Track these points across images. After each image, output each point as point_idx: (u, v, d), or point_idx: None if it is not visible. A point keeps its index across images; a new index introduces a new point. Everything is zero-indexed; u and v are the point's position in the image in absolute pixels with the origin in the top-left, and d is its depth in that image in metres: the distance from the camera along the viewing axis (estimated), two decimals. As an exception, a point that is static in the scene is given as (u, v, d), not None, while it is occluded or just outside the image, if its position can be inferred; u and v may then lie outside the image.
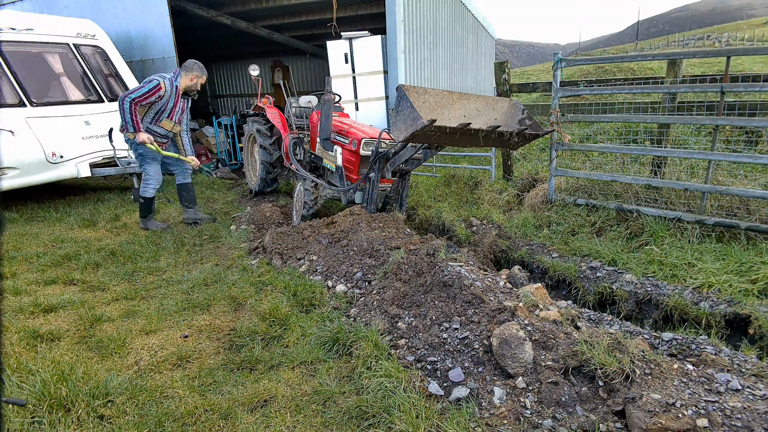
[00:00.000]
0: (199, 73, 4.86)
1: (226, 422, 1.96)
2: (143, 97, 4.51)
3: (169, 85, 4.67)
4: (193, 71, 4.81)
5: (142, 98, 4.51)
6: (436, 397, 2.06)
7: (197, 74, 4.84)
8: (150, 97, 4.56)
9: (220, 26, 10.48)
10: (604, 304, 3.55)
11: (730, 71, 3.99)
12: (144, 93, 4.51)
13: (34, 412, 1.94)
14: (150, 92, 4.54)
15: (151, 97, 4.56)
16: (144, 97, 4.52)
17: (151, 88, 4.54)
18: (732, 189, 3.91)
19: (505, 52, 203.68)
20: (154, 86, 4.55)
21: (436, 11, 9.32)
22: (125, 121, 4.54)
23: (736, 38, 44.06)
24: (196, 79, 4.84)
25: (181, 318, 2.96)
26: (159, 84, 4.57)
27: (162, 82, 4.59)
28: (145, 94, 4.52)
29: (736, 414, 1.68)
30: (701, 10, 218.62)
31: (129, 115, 4.48)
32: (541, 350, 2.12)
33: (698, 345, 2.48)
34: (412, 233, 3.95)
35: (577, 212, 4.74)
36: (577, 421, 1.83)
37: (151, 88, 4.54)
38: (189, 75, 4.79)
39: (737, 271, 3.35)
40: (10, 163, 5.37)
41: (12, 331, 2.69)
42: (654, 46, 53.33)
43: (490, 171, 6.42)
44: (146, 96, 4.53)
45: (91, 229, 5.11)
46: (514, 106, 3.82)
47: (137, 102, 4.50)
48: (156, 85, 4.55)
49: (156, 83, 4.55)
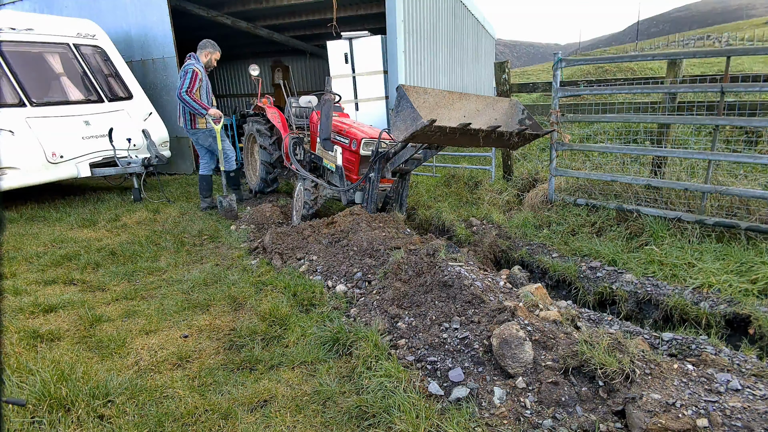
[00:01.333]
0: (212, 49, 5.65)
1: (226, 422, 1.96)
2: (191, 85, 5.29)
3: (201, 67, 5.44)
4: (206, 48, 5.58)
5: (192, 87, 5.30)
6: (436, 397, 2.06)
7: (210, 50, 5.60)
8: (195, 84, 5.33)
9: (220, 26, 10.48)
10: (604, 304, 3.55)
11: (730, 71, 3.99)
12: (190, 82, 5.28)
13: (34, 412, 1.94)
14: (193, 79, 5.30)
15: (195, 84, 5.33)
16: (192, 85, 5.30)
17: (191, 75, 5.28)
18: (732, 189, 3.91)
19: (505, 52, 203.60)
20: (192, 73, 5.29)
21: (436, 11, 9.32)
22: (195, 110, 5.33)
23: (736, 38, 44.04)
24: (210, 55, 5.61)
25: (181, 318, 2.96)
26: (194, 70, 5.30)
27: (195, 67, 5.33)
28: (191, 82, 5.29)
29: (736, 414, 1.68)
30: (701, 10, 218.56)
31: (195, 103, 5.30)
32: (541, 350, 2.12)
33: (698, 345, 2.48)
34: (412, 233, 3.95)
35: (577, 212, 4.74)
36: (577, 421, 1.83)
37: (191, 76, 5.28)
38: (203, 52, 5.57)
39: (737, 271, 3.35)
40: (10, 163, 5.37)
41: (12, 331, 2.69)
42: (654, 46, 53.31)
43: (490, 171, 6.42)
44: (192, 84, 5.30)
45: (91, 229, 5.11)
46: (514, 106, 3.82)
47: (190, 91, 5.28)
48: (193, 71, 5.29)
49: (192, 69, 5.30)
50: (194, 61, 5.44)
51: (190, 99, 5.26)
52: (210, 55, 5.59)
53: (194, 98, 5.29)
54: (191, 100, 5.26)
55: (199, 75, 5.36)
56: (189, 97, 5.25)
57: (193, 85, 5.27)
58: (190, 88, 5.25)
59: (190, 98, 5.25)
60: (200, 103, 5.32)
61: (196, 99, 5.31)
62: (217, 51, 5.67)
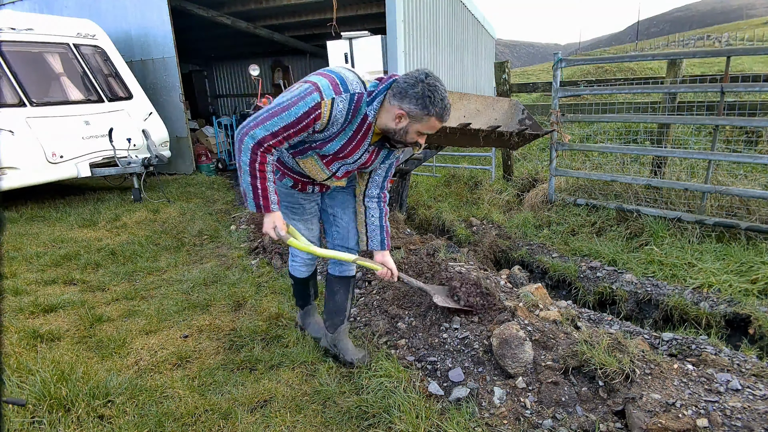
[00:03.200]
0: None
1: (226, 422, 1.96)
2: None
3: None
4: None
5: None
6: (436, 397, 2.06)
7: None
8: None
9: (220, 26, 10.47)
10: (604, 304, 3.55)
11: (730, 71, 3.99)
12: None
13: (34, 412, 1.94)
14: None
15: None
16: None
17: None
18: (732, 189, 3.91)
19: (505, 52, 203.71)
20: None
21: (436, 11, 9.32)
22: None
23: (736, 38, 44.03)
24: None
25: (181, 318, 2.96)
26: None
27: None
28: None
29: (736, 414, 1.68)
30: (701, 10, 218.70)
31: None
32: (541, 350, 2.12)
33: (698, 345, 2.48)
34: (412, 233, 3.95)
35: (577, 212, 4.74)
36: (577, 421, 1.83)
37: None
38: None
39: (737, 271, 3.35)
40: (10, 163, 5.37)
41: (12, 331, 2.69)
42: (654, 46, 53.29)
43: (490, 171, 6.42)
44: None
45: (91, 229, 5.10)
46: (514, 106, 3.82)
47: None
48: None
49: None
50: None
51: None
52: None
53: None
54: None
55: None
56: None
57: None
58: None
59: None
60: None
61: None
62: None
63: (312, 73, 1.88)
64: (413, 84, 1.73)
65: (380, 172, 2.16)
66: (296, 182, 2.14)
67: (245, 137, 1.78)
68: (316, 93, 1.74)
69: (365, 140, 1.91)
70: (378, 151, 2.01)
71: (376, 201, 2.21)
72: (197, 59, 15.55)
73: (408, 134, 1.83)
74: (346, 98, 1.77)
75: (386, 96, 1.80)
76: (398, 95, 1.75)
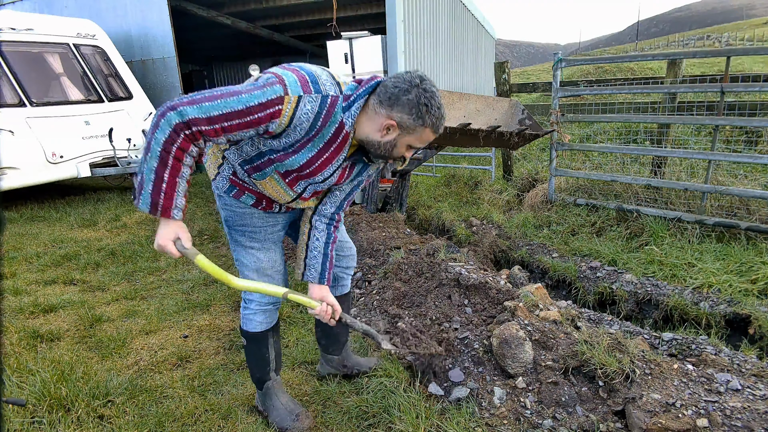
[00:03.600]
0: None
1: (226, 422, 1.96)
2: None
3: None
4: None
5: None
6: (436, 397, 2.06)
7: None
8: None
9: (220, 26, 10.48)
10: (604, 304, 3.55)
11: (730, 71, 3.99)
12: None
13: (34, 412, 1.94)
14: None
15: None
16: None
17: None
18: (732, 189, 3.91)
19: (505, 52, 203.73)
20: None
21: (436, 11, 9.32)
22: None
23: (736, 38, 44.05)
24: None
25: (181, 318, 2.96)
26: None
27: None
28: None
29: (736, 414, 1.68)
30: (701, 10, 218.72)
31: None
32: (541, 350, 2.12)
33: (698, 345, 2.48)
34: (412, 233, 3.95)
35: (577, 212, 4.74)
36: (577, 421, 1.83)
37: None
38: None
39: (737, 271, 3.35)
40: (10, 163, 5.37)
41: (12, 331, 2.69)
42: (654, 46, 53.31)
43: (490, 171, 6.42)
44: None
45: (91, 229, 5.10)
46: (514, 106, 3.83)
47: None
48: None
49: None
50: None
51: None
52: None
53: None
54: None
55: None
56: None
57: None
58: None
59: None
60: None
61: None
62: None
63: (276, 67, 1.51)
64: (406, 89, 1.41)
65: (344, 188, 1.76)
66: (259, 199, 1.72)
67: (170, 111, 1.33)
68: (279, 86, 1.39)
69: (339, 154, 1.55)
70: (352, 166, 1.65)
71: (327, 223, 1.79)
72: (197, 59, 15.56)
73: (396, 148, 1.52)
74: (316, 99, 1.43)
75: (368, 101, 1.47)
76: (387, 101, 1.43)
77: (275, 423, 1.94)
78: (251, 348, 1.92)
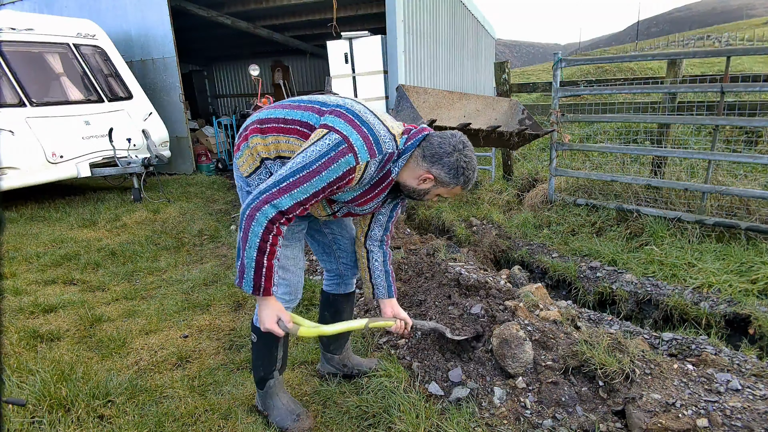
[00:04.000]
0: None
1: (226, 422, 1.96)
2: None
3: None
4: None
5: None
6: (436, 397, 2.06)
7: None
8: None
9: (220, 26, 10.47)
10: (604, 304, 3.55)
11: (730, 71, 3.99)
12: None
13: (34, 412, 1.94)
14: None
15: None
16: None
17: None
18: (732, 189, 3.91)
19: (505, 52, 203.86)
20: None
21: (436, 11, 9.32)
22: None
23: (736, 38, 44.03)
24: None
25: (181, 318, 2.96)
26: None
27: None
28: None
29: (736, 414, 1.68)
30: (701, 10, 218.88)
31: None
32: (541, 350, 2.12)
33: (698, 345, 2.48)
34: (412, 233, 3.95)
35: (577, 212, 4.74)
36: (577, 421, 1.83)
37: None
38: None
39: (737, 271, 3.35)
40: (10, 163, 5.37)
41: (12, 331, 2.69)
42: (654, 46, 53.30)
43: (490, 171, 6.42)
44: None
45: (91, 229, 5.10)
46: (514, 106, 3.83)
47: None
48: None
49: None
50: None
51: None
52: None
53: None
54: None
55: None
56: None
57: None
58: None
59: None
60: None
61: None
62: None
63: (334, 113, 1.60)
64: (449, 152, 1.58)
65: (384, 211, 1.92)
66: None
67: (265, 205, 1.48)
68: (351, 155, 1.51)
69: (382, 193, 1.72)
70: (387, 199, 1.83)
71: (379, 244, 1.96)
72: (197, 59, 15.55)
73: (427, 195, 1.70)
74: (379, 160, 1.58)
75: (413, 154, 1.63)
76: (430, 158, 1.60)
77: (276, 423, 1.95)
78: (262, 346, 1.93)
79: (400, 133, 1.65)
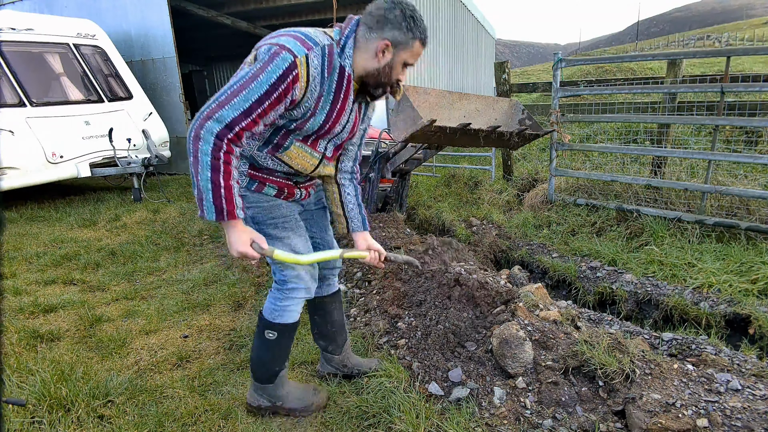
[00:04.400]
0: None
1: (226, 422, 1.96)
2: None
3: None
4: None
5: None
6: (436, 397, 2.06)
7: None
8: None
9: (220, 26, 10.48)
10: (604, 304, 3.55)
11: (730, 71, 3.99)
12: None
13: (34, 412, 1.94)
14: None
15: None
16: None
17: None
18: (732, 189, 3.91)
19: (505, 52, 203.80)
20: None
21: (436, 11, 9.32)
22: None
23: (736, 38, 44.06)
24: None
25: (181, 318, 2.96)
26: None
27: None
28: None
29: (736, 414, 1.68)
30: (701, 10, 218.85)
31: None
32: (541, 350, 2.12)
33: (698, 345, 2.48)
34: (412, 233, 3.95)
35: (577, 212, 4.74)
36: (577, 421, 1.83)
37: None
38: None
39: (737, 271, 3.35)
40: (10, 163, 5.37)
41: (12, 331, 2.69)
42: (654, 46, 53.31)
43: (490, 171, 6.42)
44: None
45: (91, 229, 5.11)
46: (514, 106, 3.83)
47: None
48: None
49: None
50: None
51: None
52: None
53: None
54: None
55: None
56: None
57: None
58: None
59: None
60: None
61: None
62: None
63: (264, 39, 1.55)
64: (390, 8, 1.51)
65: (354, 140, 1.88)
66: (281, 188, 1.76)
67: (207, 121, 1.41)
68: (285, 52, 1.44)
69: (348, 98, 1.63)
70: (360, 108, 1.76)
71: (349, 176, 1.94)
72: (197, 59, 15.56)
73: (393, 69, 1.60)
74: (319, 52, 1.50)
75: (357, 37, 1.56)
76: (376, 25, 1.52)
77: (294, 407, 1.98)
78: (281, 341, 1.88)
79: (330, 31, 1.61)
